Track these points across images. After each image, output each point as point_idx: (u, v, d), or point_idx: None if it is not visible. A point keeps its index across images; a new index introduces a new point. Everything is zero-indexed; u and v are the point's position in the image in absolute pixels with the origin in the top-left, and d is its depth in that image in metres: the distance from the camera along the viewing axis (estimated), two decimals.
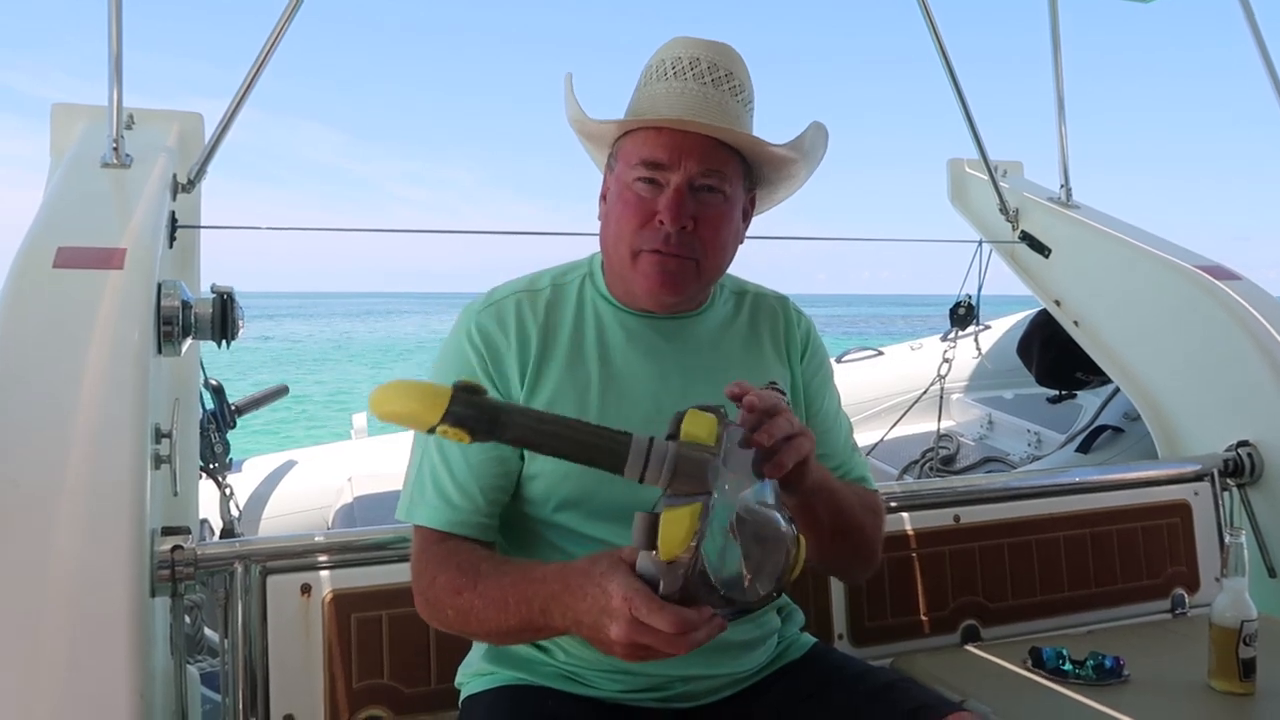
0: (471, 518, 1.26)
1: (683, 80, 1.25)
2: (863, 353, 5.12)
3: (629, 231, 1.26)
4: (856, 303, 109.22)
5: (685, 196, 1.23)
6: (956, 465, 4.09)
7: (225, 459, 2.84)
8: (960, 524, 2.02)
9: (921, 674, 1.73)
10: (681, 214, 1.23)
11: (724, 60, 1.27)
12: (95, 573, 1.23)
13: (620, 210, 1.27)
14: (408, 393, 0.94)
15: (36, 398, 1.35)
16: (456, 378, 1.28)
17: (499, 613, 1.14)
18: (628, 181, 1.26)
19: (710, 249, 1.28)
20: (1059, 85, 2.92)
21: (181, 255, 2.09)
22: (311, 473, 3.84)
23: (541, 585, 1.10)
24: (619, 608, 0.98)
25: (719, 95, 1.25)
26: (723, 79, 1.26)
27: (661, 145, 1.23)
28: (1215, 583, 2.18)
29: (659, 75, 1.28)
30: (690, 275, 1.28)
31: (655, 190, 1.25)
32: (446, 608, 1.20)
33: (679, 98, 1.25)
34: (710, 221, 1.26)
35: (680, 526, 0.94)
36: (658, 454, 0.97)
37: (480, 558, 1.22)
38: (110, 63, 1.96)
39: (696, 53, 1.27)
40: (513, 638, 1.22)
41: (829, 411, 1.44)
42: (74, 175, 1.91)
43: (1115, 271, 2.73)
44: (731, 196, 1.28)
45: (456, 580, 1.19)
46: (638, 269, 1.27)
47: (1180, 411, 2.56)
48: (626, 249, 1.27)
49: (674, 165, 1.23)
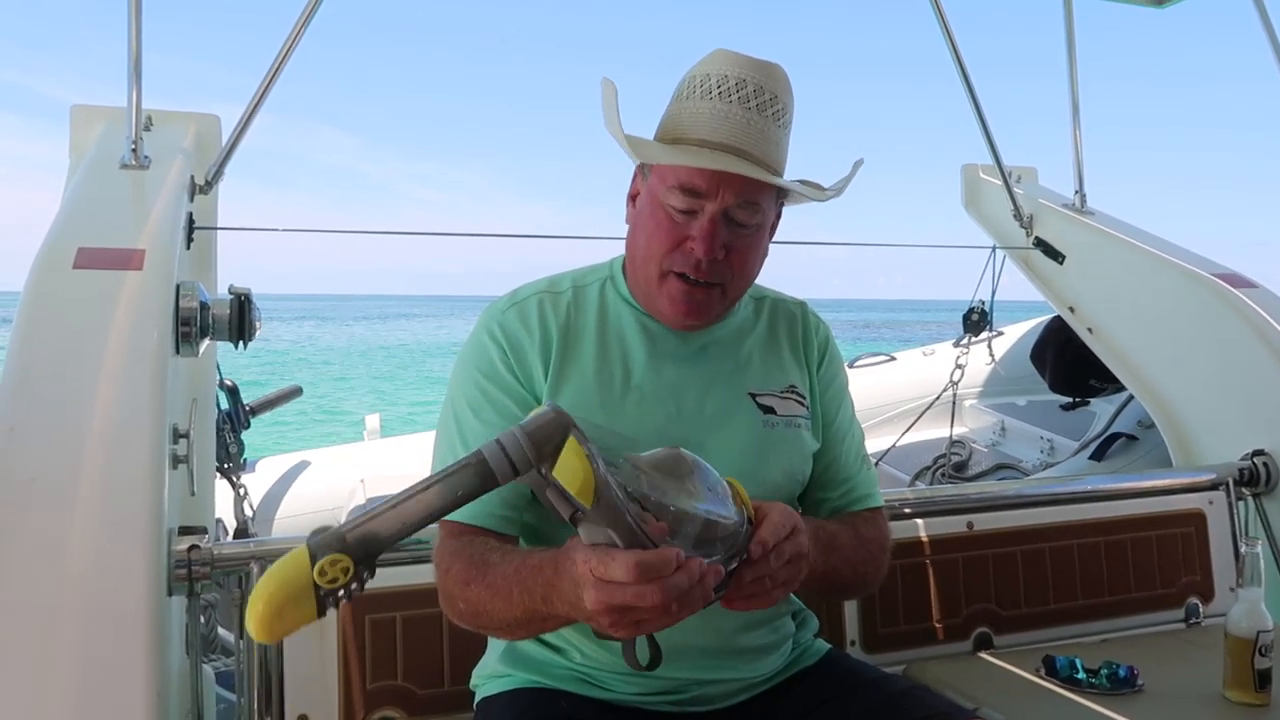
0: (496, 510, 1.24)
1: (727, 102, 1.21)
2: (875, 358, 5.11)
3: (659, 251, 1.25)
4: (873, 308, 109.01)
5: (720, 226, 1.22)
6: (969, 472, 4.08)
7: (240, 459, 2.86)
8: (973, 531, 2.01)
9: (934, 681, 1.72)
10: (714, 244, 1.22)
11: (770, 83, 1.23)
12: (113, 571, 1.24)
13: (652, 228, 1.26)
14: (276, 603, 0.86)
15: (56, 397, 1.36)
16: (480, 371, 1.29)
17: (505, 604, 1.13)
18: (661, 199, 1.24)
19: (739, 275, 1.28)
20: (1074, 90, 2.91)
21: (199, 256, 2.10)
22: (324, 474, 3.86)
23: (539, 573, 1.09)
24: (583, 572, 0.97)
25: (762, 123, 1.22)
26: (767, 103, 1.22)
27: (700, 173, 1.21)
28: (1230, 592, 2.17)
29: (703, 92, 1.23)
30: (715, 300, 1.28)
31: (690, 215, 1.23)
32: (458, 600, 1.20)
33: (723, 122, 1.21)
34: (741, 250, 1.26)
35: (569, 460, 0.91)
36: (511, 446, 0.91)
37: (491, 549, 1.21)
38: (129, 65, 1.98)
39: (743, 73, 1.23)
40: (522, 629, 1.18)
41: (843, 421, 1.44)
42: (93, 176, 1.92)
43: (1130, 278, 2.72)
44: (763, 224, 1.28)
45: (466, 572, 1.18)
46: (664, 290, 1.27)
47: (1195, 419, 2.55)
48: (655, 268, 1.27)
49: (711, 195, 1.21)
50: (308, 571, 0.86)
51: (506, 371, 1.28)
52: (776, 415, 1.34)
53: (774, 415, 1.33)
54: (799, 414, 1.36)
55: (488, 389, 1.28)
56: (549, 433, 0.92)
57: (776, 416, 1.33)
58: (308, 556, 0.86)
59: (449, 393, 1.34)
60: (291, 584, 0.86)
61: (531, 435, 0.92)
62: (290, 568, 0.86)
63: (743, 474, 1.15)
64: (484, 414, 1.27)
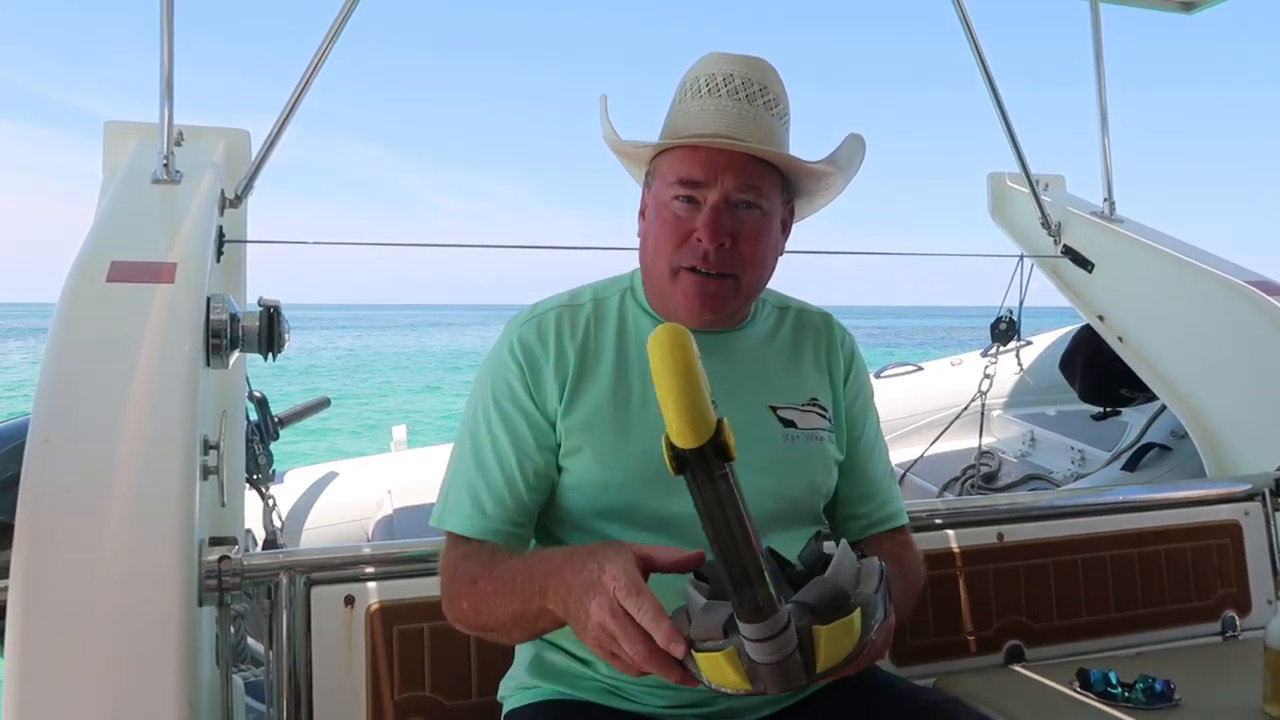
0: (503, 526, 1.27)
1: (717, 97, 1.26)
2: (902, 368, 5.07)
3: (668, 249, 1.27)
4: (904, 314, 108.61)
5: (722, 213, 1.24)
6: (998, 483, 4.03)
7: (269, 470, 2.88)
8: (1004, 542, 1.99)
9: (965, 695, 1.70)
10: (719, 231, 1.23)
11: (758, 75, 1.27)
12: (145, 582, 1.25)
13: (659, 228, 1.28)
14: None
15: (89, 408, 1.37)
16: (497, 388, 1.31)
17: (507, 596, 1.14)
18: (665, 200, 1.27)
19: (750, 264, 1.28)
20: (1101, 97, 2.89)
21: (229, 269, 2.12)
22: (352, 484, 3.88)
23: (547, 562, 1.11)
24: (606, 583, 0.98)
25: (754, 111, 1.25)
26: (757, 94, 1.26)
27: (698, 163, 1.24)
28: (1268, 605, 2.14)
29: (694, 93, 1.28)
30: (730, 292, 1.28)
31: (693, 208, 1.25)
32: (462, 599, 1.21)
33: (714, 115, 1.25)
34: (749, 237, 1.26)
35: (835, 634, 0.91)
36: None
37: (499, 550, 1.23)
38: (162, 81, 2.01)
39: (730, 69, 1.27)
40: (517, 627, 1.18)
41: (869, 436, 1.44)
42: (126, 191, 1.95)
43: (1160, 286, 2.69)
44: (769, 211, 1.28)
45: (474, 570, 1.21)
46: (677, 286, 1.28)
47: (1229, 429, 2.51)
48: (666, 266, 1.28)
49: (710, 183, 1.23)
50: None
51: (524, 392, 1.30)
52: (797, 429, 1.33)
53: (795, 429, 1.33)
54: (821, 426, 1.36)
55: (505, 409, 1.30)
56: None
57: (797, 430, 1.33)
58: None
59: (469, 405, 1.36)
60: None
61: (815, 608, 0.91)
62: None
63: (764, 488, 1.14)
64: (498, 435, 1.29)
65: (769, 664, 0.89)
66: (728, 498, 0.86)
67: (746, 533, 0.87)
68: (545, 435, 1.29)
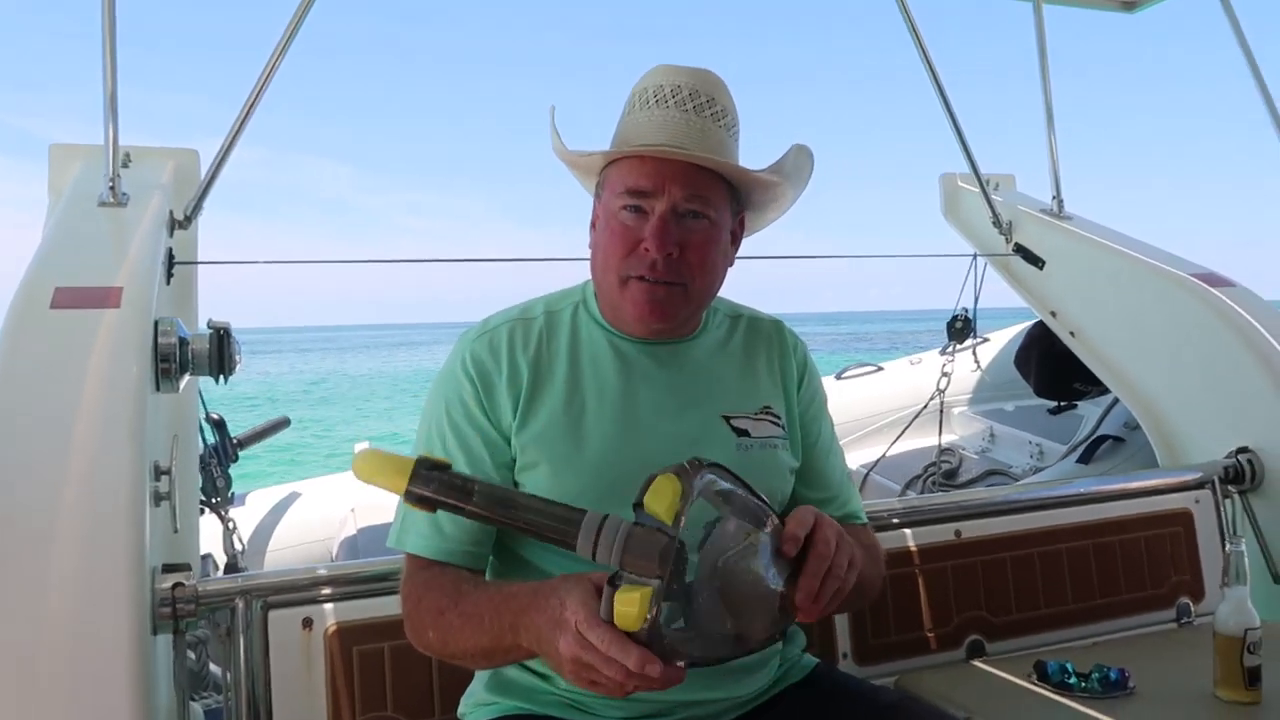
0: (461, 546, 1.26)
1: (664, 108, 1.27)
2: (862, 369, 5.11)
3: (616, 259, 1.27)
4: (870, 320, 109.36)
5: (670, 223, 1.25)
6: (959, 479, 4.08)
7: (227, 493, 2.85)
8: (961, 539, 2.02)
9: (927, 692, 1.73)
10: (666, 241, 1.24)
11: (705, 87, 1.28)
12: (95, 612, 1.23)
13: (608, 238, 1.28)
14: (379, 464, 1.03)
15: (34, 438, 1.35)
16: (450, 405, 1.30)
17: (475, 631, 1.15)
18: (614, 210, 1.28)
19: (698, 273, 1.29)
20: (1047, 96, 2.94)
21: (179, 291, 2.10)
22: (314, 504, 3.83)
23: (514, 600, 1.11)
24: (568, 619, 0.99)
25: (701, 122, 1.26)
26: (705, 105, 1.27)
27: (645, 173, 1.24)
28: (1220, 591, 2.18)
29: (641, 104, 1.29)
30: (679, 300, 1.29)
31: (641, 218, 1.26)
32: (428, 629, 1.21)
33: (661, 126, 1.26)
34: (696, 246, 1.27)
35: (631, 607, 0.94)
36: (607, 535, 0.98)
37: (463, 579, 1.23)
38: (105, 102, 1.98)
39: (678, 80, 1.28)
40: (487, 659, 1.21)
41: (825, 440, 1.45)
42: (71, 215, 1.92)
43: (1109, 281, 2.74)
44: (717, 221, 1.29)
45: (439, 601, 1.20)
46: (626, 295, 1.28)
47: (1179, 419, 2.56)
48: (615, 276, 1.28)
49: (658, 192, 1.24)
50: (404, 482, 1.02)
51: (477, 408, 1.29)
52: (751, 437, 1.34)
53: (748, 438, 1.34)
54: (774, 435, 1.37)
55: (460, 426, 1.30)
56: (644, 551, 0.97)
57: (751, 439, 1.34)
58: (410, 472, 1.02)
59: (423, 422, 1.35)
60: (387, 471, 1.03)
61: (628, 542, 0.97)
62: (395, 468, 1.02)
63: None
64: (453, 453, 1.29)
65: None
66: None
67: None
68: (501, 451, 1.29)
